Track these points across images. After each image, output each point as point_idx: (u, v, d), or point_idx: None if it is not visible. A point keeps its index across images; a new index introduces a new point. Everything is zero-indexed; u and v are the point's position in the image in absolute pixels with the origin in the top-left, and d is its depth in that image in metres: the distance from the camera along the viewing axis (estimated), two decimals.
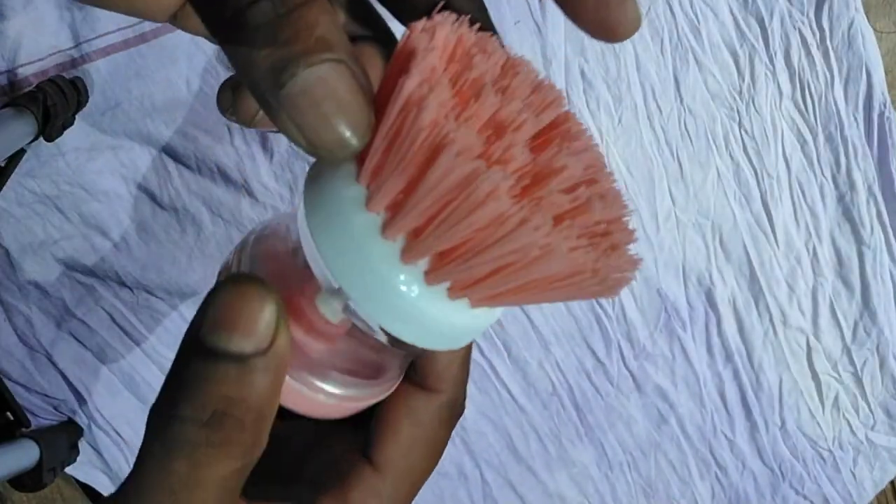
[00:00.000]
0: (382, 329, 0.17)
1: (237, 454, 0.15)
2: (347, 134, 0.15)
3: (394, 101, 0.15)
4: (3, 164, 0.70)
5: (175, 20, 0.21)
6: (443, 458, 0.23)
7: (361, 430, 0.20)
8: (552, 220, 0.15)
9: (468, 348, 0.21)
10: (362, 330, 0.18)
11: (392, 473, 0.19)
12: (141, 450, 0.15)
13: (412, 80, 0.15)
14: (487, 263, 0.15)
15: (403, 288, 0.16)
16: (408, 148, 0.15)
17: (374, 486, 0.19)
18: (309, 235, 0.16)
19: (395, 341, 0.17)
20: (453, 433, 0.23)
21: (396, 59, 0.16)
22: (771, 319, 0.92)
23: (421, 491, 0.21)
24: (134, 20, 0.75)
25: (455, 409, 0.21)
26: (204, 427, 0.15)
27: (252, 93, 0.15)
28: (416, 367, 0.20)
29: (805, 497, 0.97)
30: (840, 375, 0.95)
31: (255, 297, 0.15)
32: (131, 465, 0.16)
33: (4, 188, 0.72)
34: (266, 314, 0.15)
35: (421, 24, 0.16)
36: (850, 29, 0.85)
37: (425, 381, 0.20)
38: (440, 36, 0.16)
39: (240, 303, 0.15)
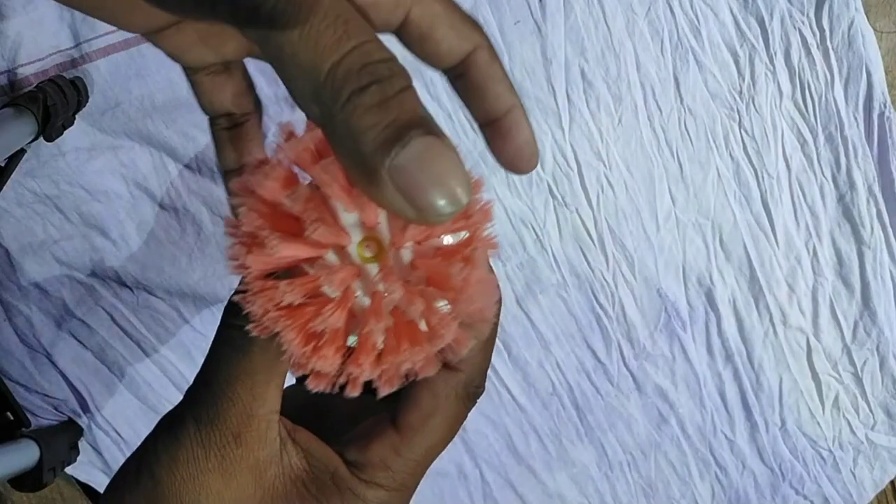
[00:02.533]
0: None
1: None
2: (450, 197, 0.16)
3: None
4: (3, 164, 0.70)
5: (153, 36, 0.23)
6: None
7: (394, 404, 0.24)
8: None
9: (491, 339, 0.23)
10: None
11: (410, 435, 0.22)
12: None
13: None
14: None
15: None
16: None
17: (393, 442, 0.22)
18: None
19: None
20: None
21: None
22: (771, 319, 0.92)
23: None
24: None
25: (471, 389, 0.23)
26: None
27: (357, 169, 0.16)
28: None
29: (805, 497, 0.97)
30: (840, 375, 0.95)
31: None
32: None
33: (4, 188, 0.72)
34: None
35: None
36: (850, 29, 0.85)
37: (446, 358, 0.23)
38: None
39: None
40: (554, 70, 0.83)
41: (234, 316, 0.20)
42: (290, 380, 0.22)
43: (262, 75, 0.28)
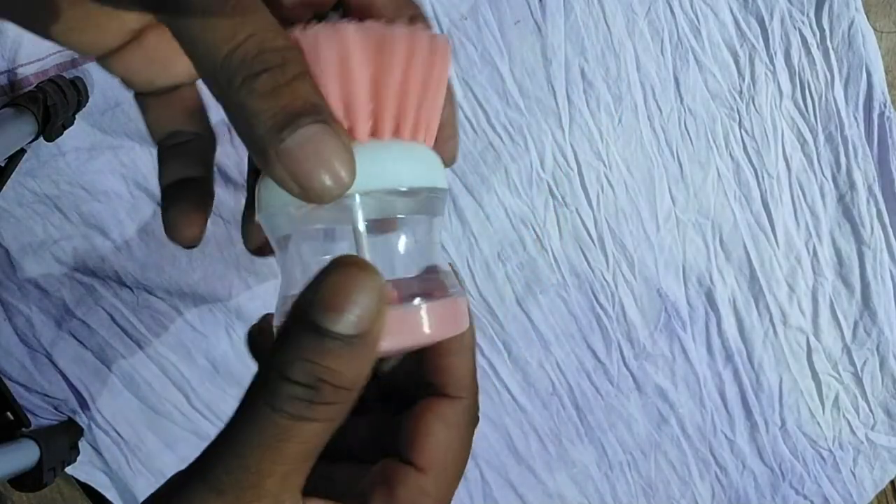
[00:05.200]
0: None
1: (327, 417, 0.18)
2: (335, 180, 0.18)
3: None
4: (3, 164, 0.70)
5: (104, 60, 0.23)
6: None
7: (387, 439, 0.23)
8: None
9: (474, 364, 0.24)
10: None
11: (433, 472, 0.22)
12: (242, 404, 0.18)
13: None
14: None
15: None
16: None
17: (420, 483, 0.21)
18: None
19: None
20: None
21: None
22: (771, 319, 0.92)
23: None
24: None
25: (474, 414, 0.23)
26: (306, 388, 0.17)
27: (251, 148, 0.18)
28: (437, 381, 0.23)
29: (805, 497, 0.97)
30: (840, 375, 0.95)
31: (362, 284, 0.18)
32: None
33: (4, 188, 0.72)
34: (369, 301, 0.18)
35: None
36: (850, 29, 0.85)
37: (447, 389, 0.23)
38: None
39: (347, 288, 0.18)
40: (554, 70, 0.83)
41: (284, 397, 0.18)
42: None
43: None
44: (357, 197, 0.20)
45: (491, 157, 0.84)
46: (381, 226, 0.22)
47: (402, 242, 0.22)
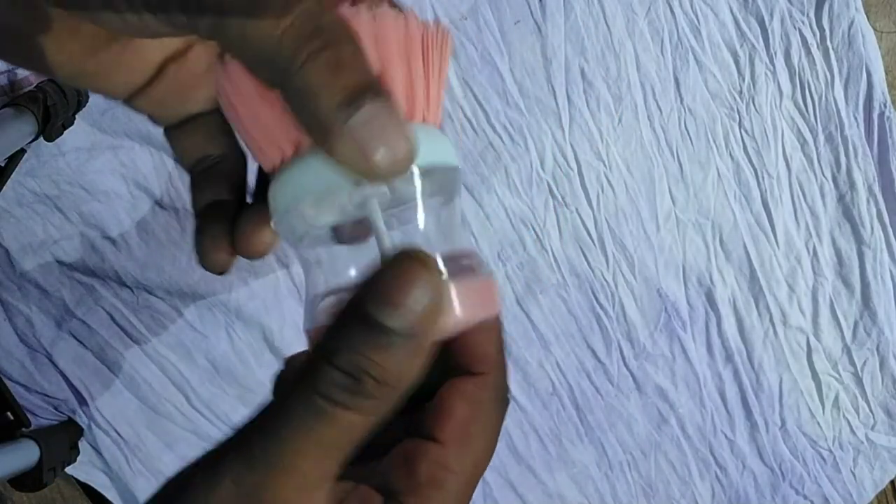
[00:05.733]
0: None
1: (368, 410, 0.17)
2: (401, 155, 0.18)
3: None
4: (3, 164, 0.70)
5: (132, 101, 0.24)
6: None
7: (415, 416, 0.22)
8: None
9: (500, 335, 0.23)
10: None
11: (454, 446, 0.20)
12: (286, 388, 0.18)
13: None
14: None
15: None
16: None
17: (440, 457, 0.20)
18: None
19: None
20: None
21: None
22: (771, 319, 0.92)
23: None
24: None
25: (501, 392, 0.22)
26: (349, 377, 0.17)
27: (313, 127, 0.18)
28: (460, 359, 0.22)
29: (805, 497, 0.97)
30: (840, 375, 0.95)
31: (422, 279, 0.17)
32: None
33: (4, 188, 0.72)
34: (427, 298, 0.17)
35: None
36: (850, 29, 0.85)
37: (471, 366, 0.22)
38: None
39: (407, 283, 0.17)
40: (554, 70, 0.83)
41: (327, 382, 0.17)
42: None
43: None
44: (415, 170, 0.20)
45: (491, 157, 0.84)
46: (404, 211, 0.22)
47: (426, 225, 0.22)
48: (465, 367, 0.22)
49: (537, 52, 0.83)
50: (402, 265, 0.17)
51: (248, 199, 0.26)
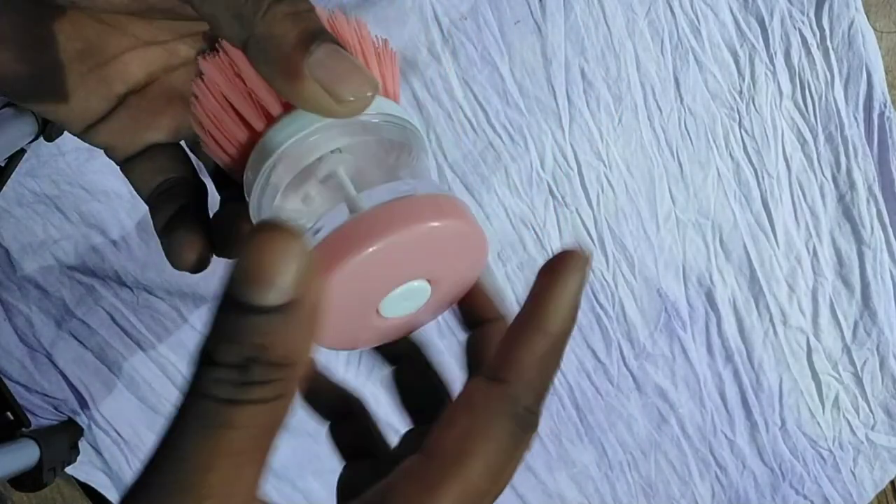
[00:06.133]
0: None
1: (263, 397, 0.16)
2: (364, 86, 0.19)
3: None
4: (3, 164, 0.70)
5: (89, 132, 0.25)
6: None
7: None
8: None
9: (552, 355, 0.20)
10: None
11: (444, 463, 0.18)
12: (182, 396, 0.16)
13: None
14: None
15: None
16: None
17: (426, 476, 0.18)
18: None
19: None
20: None
21: None
22: (771, 319, 0.92)
23: None
24: None
25: (517, 407, 0.19)
26: (235, 369, 0.16)
27: (278, 72, 0.19)
28: (480, 359, 0.21)
29: (805, 497, 0.97)
30: (840, 375, 0.95)
31: (283, 248, 0.15)
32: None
33: (4, 188, 0.72)
34: (295, 266, 0.15)
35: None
36: (850, 29, 0.85)
37: (492, 369, 0.19)
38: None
39: (266, 256, 0.15)
40: (554, 70, 0.83)
41: (210, 382, 0.16)
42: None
43: None
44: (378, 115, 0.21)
45: (491, 157, 0.84)
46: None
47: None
48: (488, 374, 0.20)
49: (537, 52, 0.83)
50: (258, 239, 0.15)
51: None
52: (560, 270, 0.21)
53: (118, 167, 0.26)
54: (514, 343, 0.20)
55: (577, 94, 0.84)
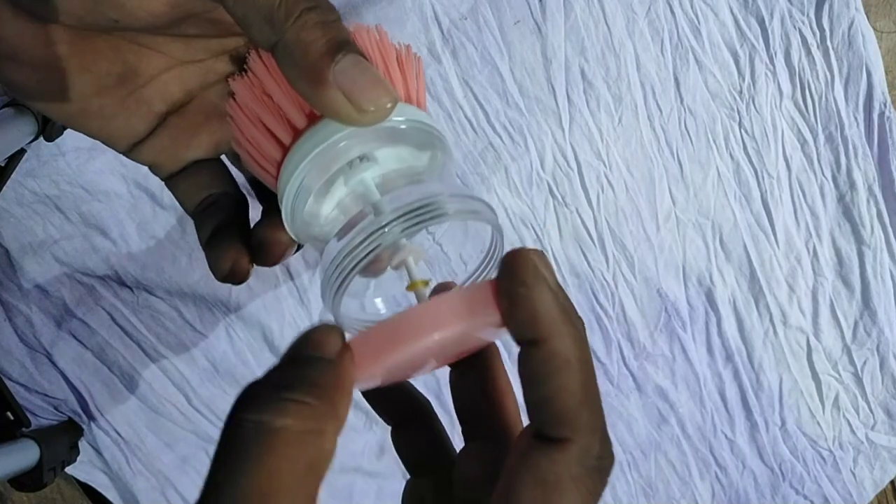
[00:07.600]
0: None
1: (311, 415, 0.17)
2: (385, 97, 0.20)
3: None
4: (3, 164, 0.70)
5: (132, 152, 0.26)
6: None
7: None
8: None
9: (594, 388, 0.18)
10: None
11: None
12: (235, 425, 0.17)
13: None
14: None
15: None
16: None
17: None
18: None
19: None
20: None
21: None
22: (771, 319, 0.92)
23: None
24: None
25: (589, 461, 0.17)
26: (285, 389, 0.18)
27: (305, 77, 0.20)
28: (536, 418, 0.18)
29: (805, 497, 0.97)
30: (840, 375, 0.95)
31: (328, 331, 0.20)
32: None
33: (4, 188, 0.72)
34: (335, 339, 0.19)
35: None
36: (850, 29, 0.85)
37: (546, 428, 0.17)
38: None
39: (321, 335, 0.20)
40: (554, 70, 0.83)
41: (252, 409, 0.17)
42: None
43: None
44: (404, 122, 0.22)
45: (491, 157, 0.84)
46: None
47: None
48: (541, 432, 0.18)
49: (537, 52, 0.83)
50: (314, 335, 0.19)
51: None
52: (517, 285, 0.19)
53: (163, 183, 0.27)
54: (545, 389, 0.17)
55: (577, 94, 0.84)
